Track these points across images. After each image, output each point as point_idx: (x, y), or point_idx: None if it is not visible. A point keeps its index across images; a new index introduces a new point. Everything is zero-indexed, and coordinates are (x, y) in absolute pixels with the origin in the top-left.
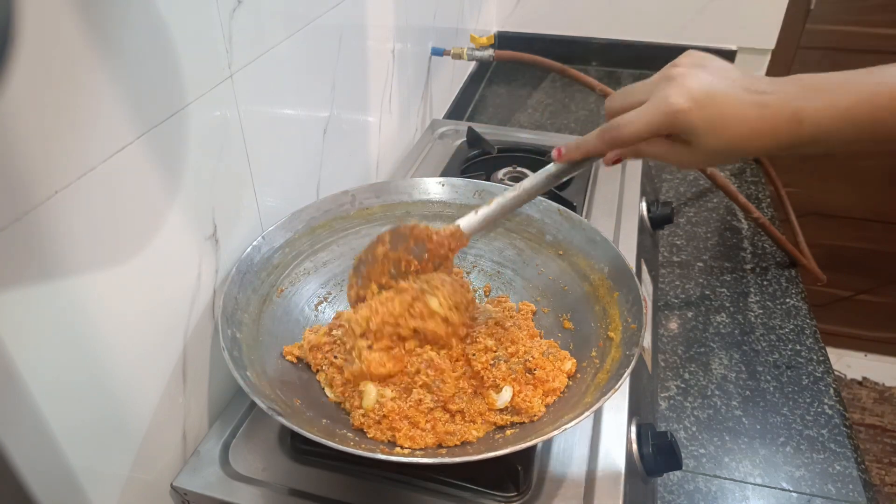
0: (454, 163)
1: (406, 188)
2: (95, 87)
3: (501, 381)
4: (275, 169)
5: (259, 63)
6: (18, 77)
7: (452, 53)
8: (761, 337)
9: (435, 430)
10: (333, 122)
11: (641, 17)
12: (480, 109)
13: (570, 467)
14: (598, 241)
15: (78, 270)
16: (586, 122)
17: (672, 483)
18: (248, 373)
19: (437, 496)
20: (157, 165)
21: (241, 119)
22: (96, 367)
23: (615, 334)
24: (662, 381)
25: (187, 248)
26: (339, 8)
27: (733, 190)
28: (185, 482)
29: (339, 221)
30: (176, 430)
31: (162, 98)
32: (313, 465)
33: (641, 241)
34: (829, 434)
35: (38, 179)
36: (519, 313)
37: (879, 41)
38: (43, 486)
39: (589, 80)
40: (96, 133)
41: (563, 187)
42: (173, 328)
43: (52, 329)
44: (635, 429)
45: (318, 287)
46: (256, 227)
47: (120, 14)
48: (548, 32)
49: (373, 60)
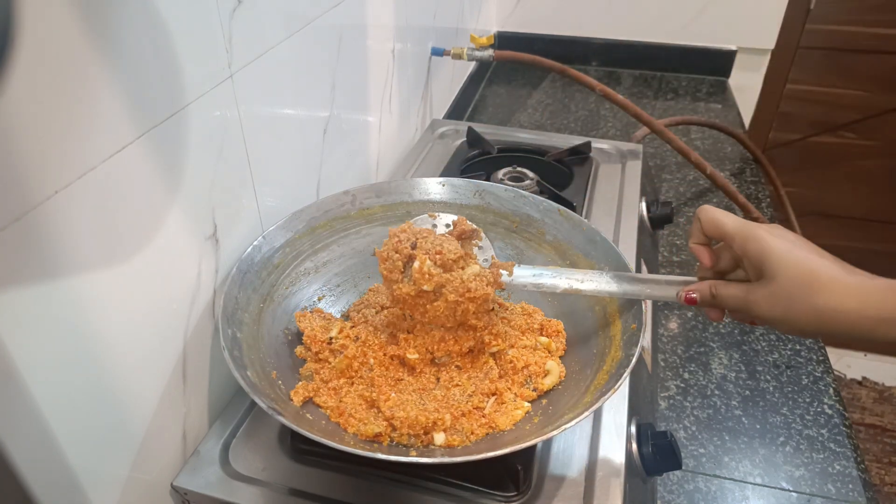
0: (454, 163)
1: (406, 188)
2: (95, 87)
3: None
4: (275, 169)
5: (259, 63)
6: (18, 77)
7: (452, 53)
8: (761, 336)
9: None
10: (333, 121)
11: (641, 17)
12: (480, 109)
13: (570, 467)
14: (598, 241)
15: (78, 270)
16: (586, 122)
17: (672, 483)
18: (249, 372)
19: (437, 496)
20: (157, 165)
21: (241, 119)
22: (96, 367)
23: (615, 334)
24: (662, 381)
25: (187, 247)
26: (339, 8)
27: (733, 190)
28: (185, 482)
29: (339, 221)
30: (176, 429)
31: (162, 98)
32: (313, 465)
33: (641, 241)
34: (829, 434)
35: (38, 179)
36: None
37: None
38: (43, 486)
39: (589, 80)
40: (96, 133)
41: (563, 187)
42: (173, 328)
43: (52, 329)
44: (635, 428)
45: (319, 287)
46: (256, 227)
47: (120, 14)
48: (548, 32)
49: (373, 60)
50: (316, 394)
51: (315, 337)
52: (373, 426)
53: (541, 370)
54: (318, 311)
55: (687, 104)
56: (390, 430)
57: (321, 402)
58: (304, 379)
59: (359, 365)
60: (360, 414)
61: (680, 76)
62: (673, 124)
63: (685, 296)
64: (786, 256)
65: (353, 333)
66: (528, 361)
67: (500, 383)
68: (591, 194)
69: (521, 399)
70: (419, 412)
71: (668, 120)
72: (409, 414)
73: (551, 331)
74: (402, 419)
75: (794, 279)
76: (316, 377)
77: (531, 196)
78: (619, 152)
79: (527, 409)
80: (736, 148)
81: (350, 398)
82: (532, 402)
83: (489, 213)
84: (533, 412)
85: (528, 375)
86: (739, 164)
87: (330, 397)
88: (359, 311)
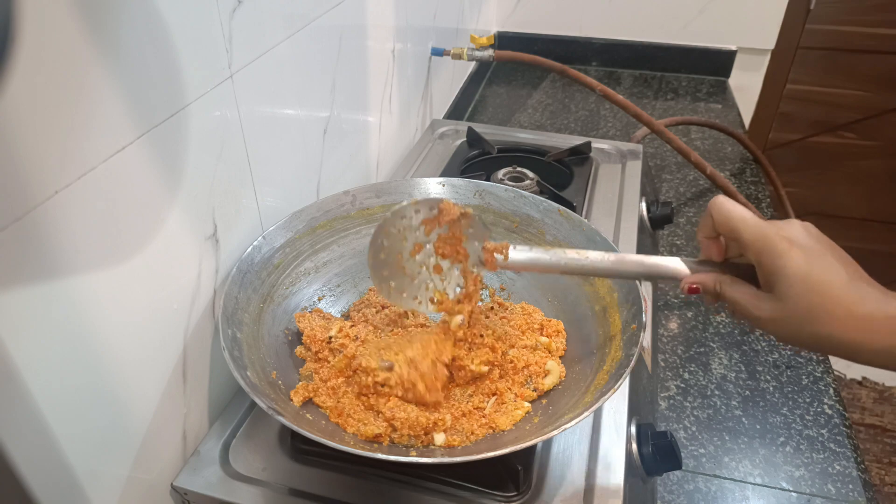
0: (454, 163)
1: (406, 188)
2: (95, 87)
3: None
4: (275, 169)
5: (259, 63)
6: (18, 77)
7: (452, 53)
8: (761, 337)
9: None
10: (333, 122)
11: (641, 17)
12: (480, 109)
13: (570, 467)
14: (598, 242)
15: (78, 270)
16: (586, 122)
17: (672, 483)
18: (249, 373)
19: (437, 496)
20: (157, 165)
21: (241, 119)
22: (96, 367)
23: (615, 334)
24: (662, 381)
25: (187, 247)
26: (339, 8)
27: (733, 190)
28: (186, 482)
29: (339, 221)
30: (176, 429)
31: (162, 98)
32: (313, 465)
33: (641, 241)
34: (829, 434)
35: (38, 179)
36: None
37: (879, 41)
38: (43, 486)
39: (589, 80)
40: (96, 133)
41: (563, 187)
42: (173, 328)
43: (52, 329)
44: (635, 429)
45: (319, 287)
46: (256, 227)
47: (120, 14)
48: (548, 32)
49: (373, 60)
50: (315, 394)
51: (314, 336)
52: (372, 426)
53: (541, 370)
54: (318, 311)
55: (687, 104)
56: (390, 431)
57: (321, 402)
58: (304, 379)
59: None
60: (360, 414)
61: (680, 76)
62: (673, 124)
63: (688, 287)
64: (800, 282)
65: (352, 333)
66: (528, 361)
67: (500, 383)
68: (591, 194)
69: (522, 399)
70: (419, 412)
71: (668, 120)
72: (410, 414)
73: (551, 330)
74: (403, 420)
75: (803, 307)
76: (315, 377)
77: (531, 196)
78: (619, 152)
79: (527, 409)
80: (736, 148)
81: (348, 398)
82: (532, 402)
83: (489, 213)
84: (533, 412)
85: (528, 375)
86: (739, 165)
87: (329, 397)
88: (359, 311)
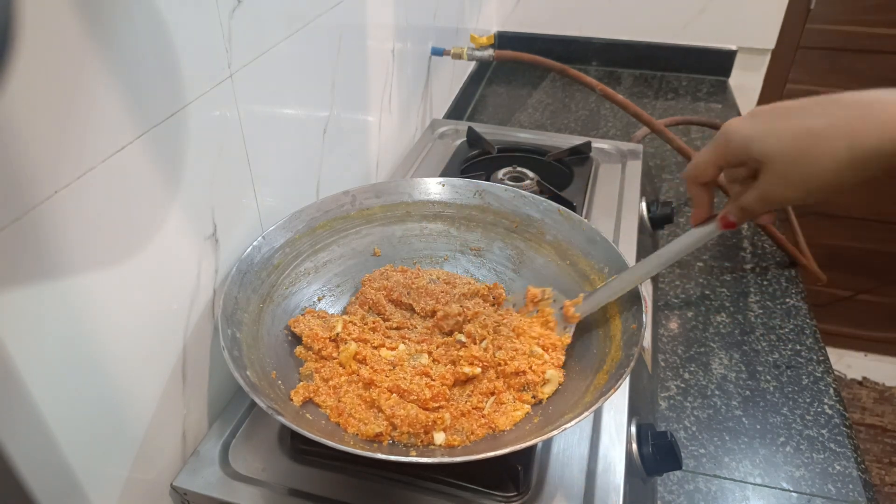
0: (454, 163)
1: (406, 188)
2: (95, 87)
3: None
4: (275, 169)
5: (259, 63)
6: (18, 77)
7: (452, 53)
8: (761, 337)
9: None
10: (333, 121)
11: (641, 17)
12: (480, 109)
13: (570, 467)
14: (598, 241)
15: (77, 270)
16: (586, 122)
17: (672, 483)
18: (248, 373)
19: (437, 496)
20: (156, 165)
21: (240, 119)
22: (96, 367)
23: (615, 334)
24: (662, 381)
25: (187, 247)
26: (339, 8)
27: None
28: (185, 482)
29: (339, 221)
30: (176, 429)
31: (162, 98)
32: (313, 465)
33: (641, 241)
34: (829, 434)
35: (37, 179)
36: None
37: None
38: (43, 486)
39: (589, 80)
40: (96, 133)
41: (563, 187)
42: (173, 328)
43: (52, 329)
44: (635, 429)
45: (319, 287)
46: (256, 227)
47: (120, 14)
48: (548, 32)
49: (373, 60)
50: (316, 394)
51: (317, 336)
52: (373, 426)
53: (539, 379)
54: (311, 311)
55: (687, 104)
56: (390, 430)
57: (321, 401)
58: (304, 379)
59: (363, 356)
60: (360, 414)
61: (680, 76)
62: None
63: (723, 223)
64: (761, 138)
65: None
66: (522, 367)
67: (497, 383)
68: (591, 194)
69: (521, 402)
70: (419, 410)
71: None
72: (410, 412)
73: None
74: (403, 417)
75: (783, 147)
76: (316, 376)
77: (531, 196)
78: (619, 152)
79: (527, 409)
80: None
81: (349, 398)
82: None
83: (489, 213)
84: (533, 412)
85: (525, 382)
86: None
87: (329, 397)
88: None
